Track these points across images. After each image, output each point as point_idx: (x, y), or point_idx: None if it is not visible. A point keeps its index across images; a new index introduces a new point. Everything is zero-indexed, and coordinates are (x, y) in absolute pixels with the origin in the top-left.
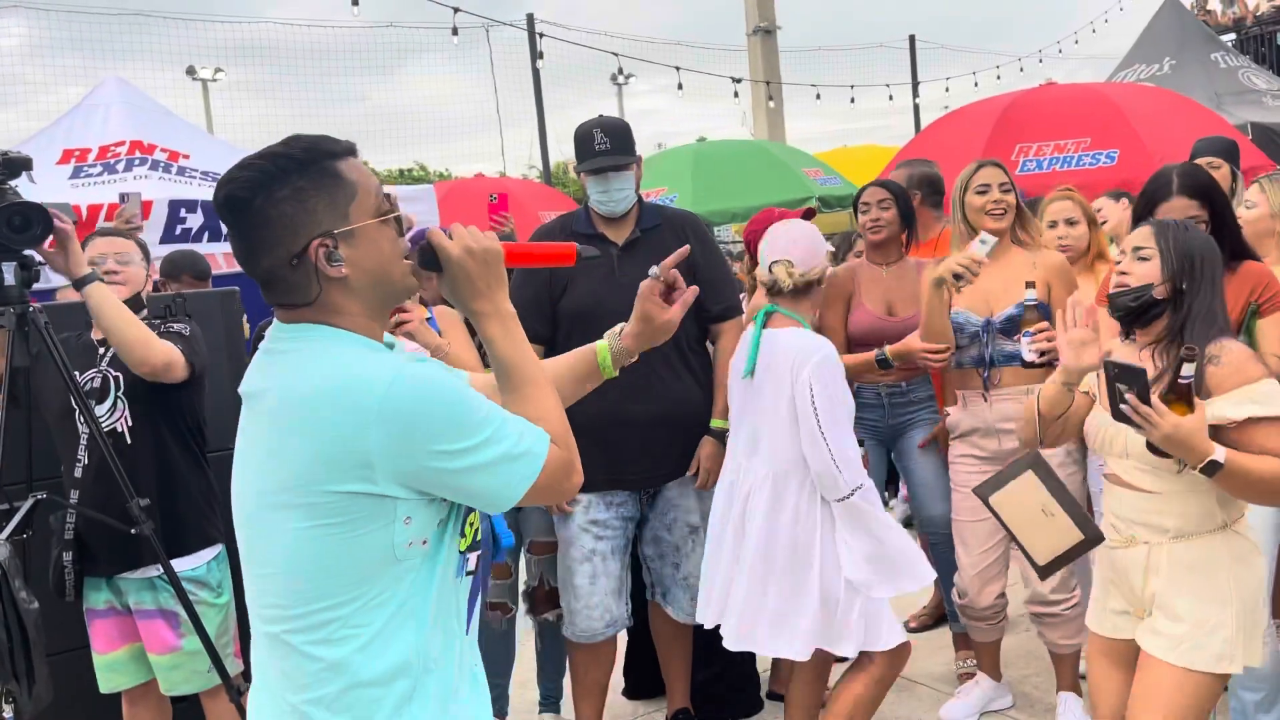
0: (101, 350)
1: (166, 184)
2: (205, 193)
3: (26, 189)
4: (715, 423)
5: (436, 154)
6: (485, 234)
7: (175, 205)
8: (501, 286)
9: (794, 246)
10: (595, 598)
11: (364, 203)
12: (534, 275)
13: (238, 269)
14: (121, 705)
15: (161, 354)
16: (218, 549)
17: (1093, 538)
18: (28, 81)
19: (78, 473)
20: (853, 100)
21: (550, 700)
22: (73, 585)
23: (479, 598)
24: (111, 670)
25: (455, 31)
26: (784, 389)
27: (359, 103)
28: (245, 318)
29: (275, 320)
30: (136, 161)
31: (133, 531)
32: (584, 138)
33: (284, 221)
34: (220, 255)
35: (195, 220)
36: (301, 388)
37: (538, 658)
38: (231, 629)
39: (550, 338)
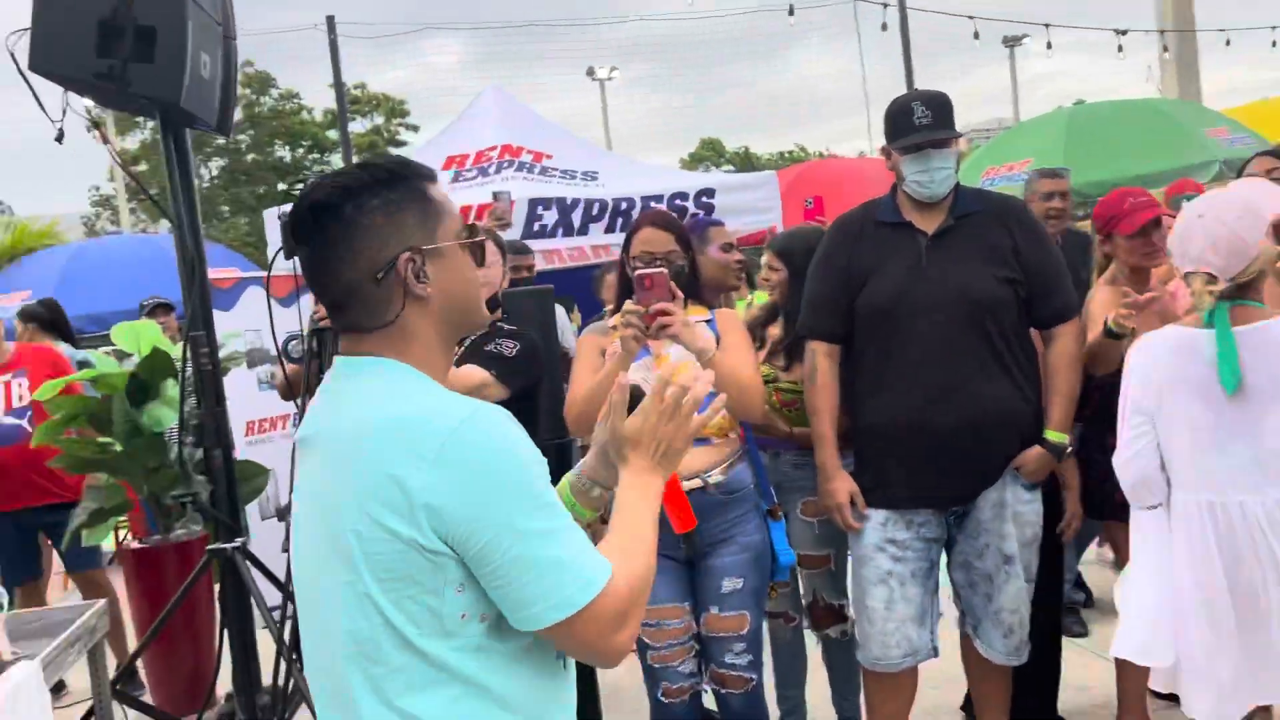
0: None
1: (530, 184)
2: (561, 190)
3: None
4: (1051, 435)
5: (816, 135)
6: (684, 438)
7: (534, 203)
8: (665, 471)
9: (1212, 251)
10: (891, 624)
11: (450, 226)
12: (830, 269)
13: (572, 264)
14: None
15: (461, 387)
16: None
17: None
18: (461, 93)
19: None
20: (1275, 44)
21: None
22: None
23: None
24: None
25: (791, 12)
26: None
27: (743, 89)
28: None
29: (338, 356)
30: (505, 164)
31: None
32: (901, 112)
33: (374, 231)
34: (564, 250)
35: (550, 217)
36: (355, 424)
37: (828, 674)
38: None
39: (845, 336)
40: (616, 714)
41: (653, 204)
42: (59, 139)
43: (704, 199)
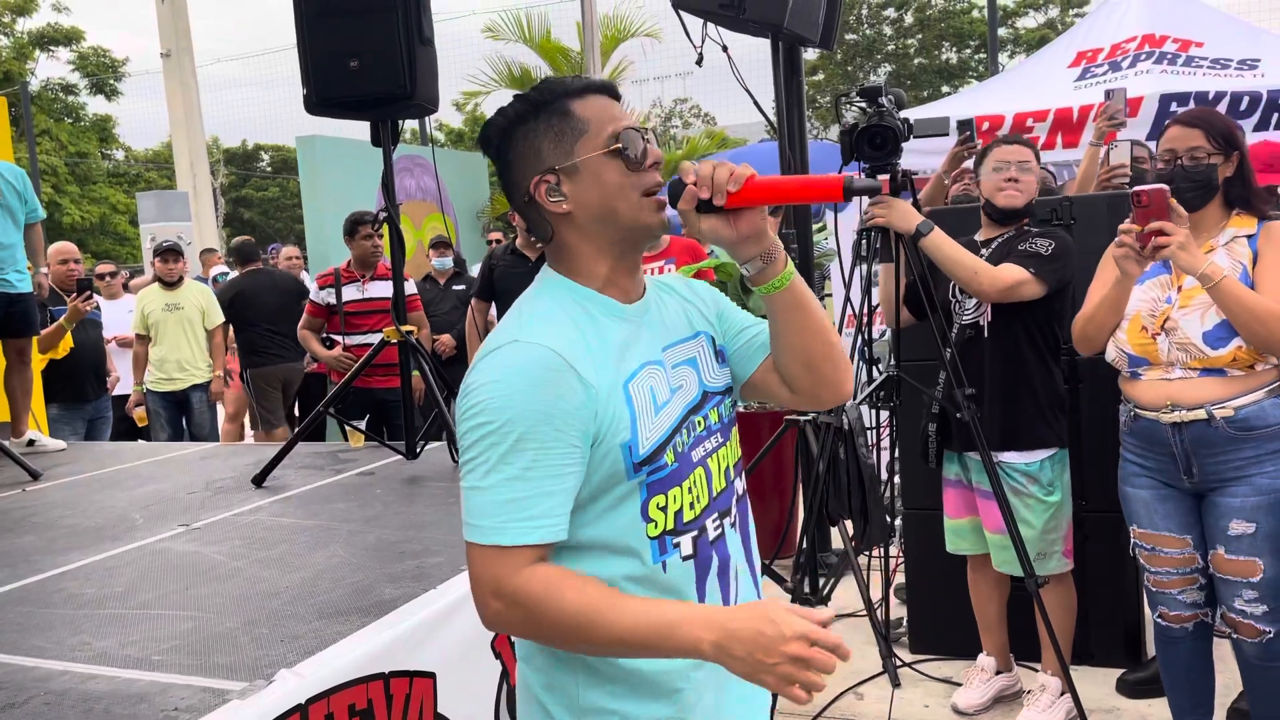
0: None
1: (1166, 78)
2: (1207, 83)
3: None
4: None
5: None
6: (740, 166)
7: (1166, 100)
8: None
9: None
10: None
11: (593, 139)
12: None
13: None
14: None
15: (999, 284)
16: (1053, 450)
17: None
18: None
19: (946, 355)
20: None
21: None
22: (933, 454)
23: (707, 580)
24: (955, 535)
25: None
26: None
27: None
28: None
29: None
30: (1143, 56)
31: (958, 416)
32: None
33: (518, 163)
34: None
35: None
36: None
37: None
38: (1062, 528)
39: None
40: None
41: None
42: (699, 62)
43: None
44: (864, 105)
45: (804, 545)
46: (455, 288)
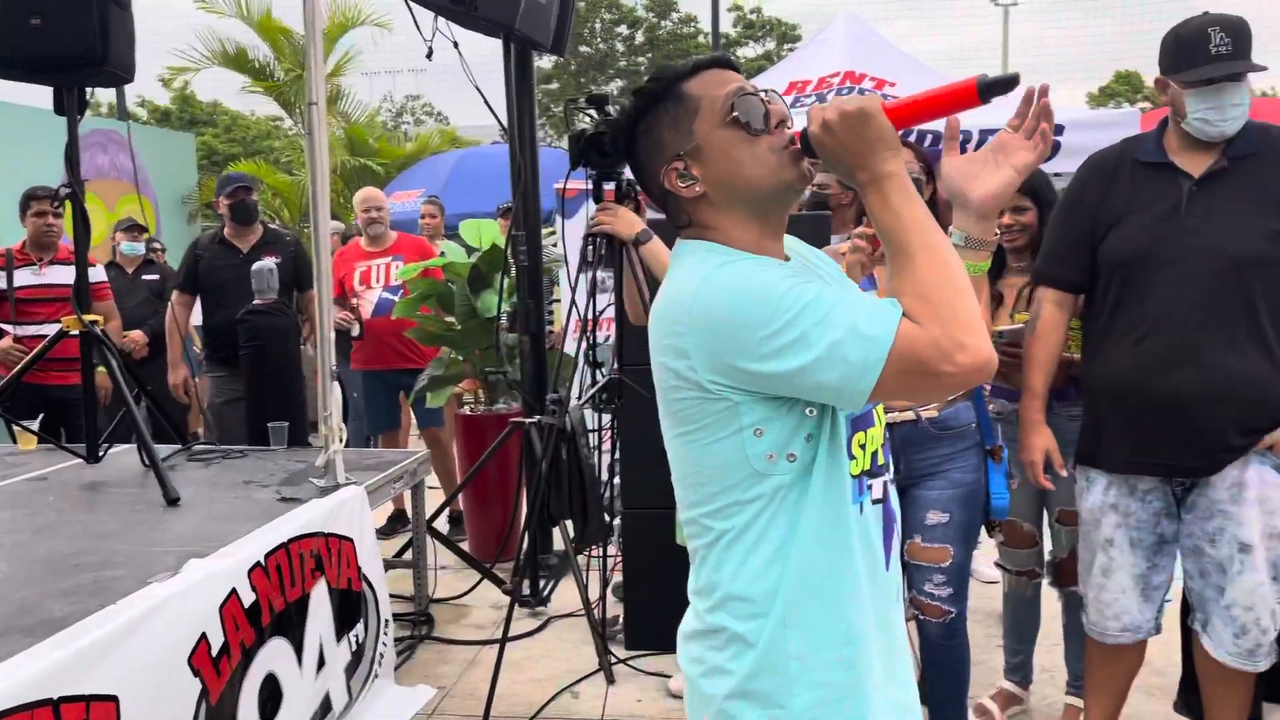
0: None
1: None
2: None
3: None
4: None
5: None
6: (858, 97)
7: None
8: (880, 147)
9: None
10: (1108, 594)
11: (708, 115)
12: (1074, 212)
13: None
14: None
15: None
16: None
17: None
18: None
19: None
20: None
21: (1077, 682)
22: None
23: (894, 531)
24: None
25: None
26: None
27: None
28: None
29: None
30: (844, 90)
31: None
32: (1194, 38)
33: (645, 157)
34: None
35: None
36: (657, 305)
37: (1064, 632)
38: None
39: (1084, 286)
40: None
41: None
42: (429, 56)
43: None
44: (592, 112)
45: (525, 545)
46: (146, 277)
